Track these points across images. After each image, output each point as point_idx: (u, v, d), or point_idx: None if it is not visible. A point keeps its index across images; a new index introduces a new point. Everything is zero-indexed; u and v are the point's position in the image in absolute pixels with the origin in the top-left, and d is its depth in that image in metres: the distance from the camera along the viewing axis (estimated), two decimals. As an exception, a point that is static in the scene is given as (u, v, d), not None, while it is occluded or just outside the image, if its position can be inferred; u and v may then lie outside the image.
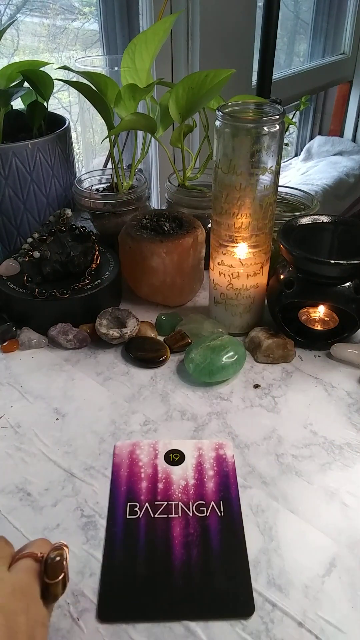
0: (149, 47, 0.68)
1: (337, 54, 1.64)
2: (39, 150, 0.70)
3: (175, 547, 0.41)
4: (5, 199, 0.70)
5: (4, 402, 0.55)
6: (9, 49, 0.96)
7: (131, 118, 0.63)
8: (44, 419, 0.53)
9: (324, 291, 0.58)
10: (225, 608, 0.37)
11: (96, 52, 1.01)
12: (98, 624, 0.36)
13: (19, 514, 0.44)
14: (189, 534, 0.42)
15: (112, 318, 0.63)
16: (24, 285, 0.63)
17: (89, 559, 0.40)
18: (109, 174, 0.79)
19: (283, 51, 1.57)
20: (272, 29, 1.02)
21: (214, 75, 0.63)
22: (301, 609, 0.37)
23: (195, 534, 0.42)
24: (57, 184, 0.74)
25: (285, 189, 0.76)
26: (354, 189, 1.65)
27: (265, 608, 0.37)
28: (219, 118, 0.51)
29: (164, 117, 0.72)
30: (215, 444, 0.50)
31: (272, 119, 0.51)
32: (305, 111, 1.76)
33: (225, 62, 1.05)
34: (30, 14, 1.00)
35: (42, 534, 0.42)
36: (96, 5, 0.95)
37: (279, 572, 0.39)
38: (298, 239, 0.58)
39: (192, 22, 0.95)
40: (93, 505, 0.44)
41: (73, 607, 0.37)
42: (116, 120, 0.66)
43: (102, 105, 0.65)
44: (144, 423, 0.52)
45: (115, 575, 0.39)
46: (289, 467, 0.48)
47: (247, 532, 0.42)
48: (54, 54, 1.05)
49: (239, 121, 0.51)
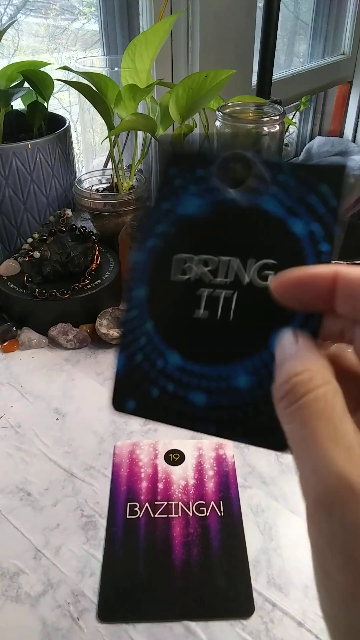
0: (149, 48, 0.68)
1: (337, 54, 1.64)
2: (39, 151, 0.70)
3: (175, 547, 0.41)
4: (6, 199, 0.70)
5: (4, 402, 0.55)
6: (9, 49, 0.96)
7: (131, 118, 0.63)
8: (44, 419, 0.53)
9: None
10: (225, 608, 0.37)
11: (96, 52, 1.01)
12: (98, 624, 0.36)
13: (19, 514, 0.44)
14: (189, 534, 0.42)
15: (112, 318, 0.63)
16: (24, 285, 0.63)
17: (89, 559, 0.40)
18: (109, 174, 0.79)
19: (283, 52, 1.57)
20: (272, 29, 1.01)
21: (214, 75, 0.63)
22: (301, 609, 0.37)
23: (195, 533, 0.42)
24: (57, 184, 0.74)
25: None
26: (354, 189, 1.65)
27: (265, 608, 0.37)
28: (219, 118, 0.51)
29: (164, 117, 0.72)
30: (215, 444, 0.50)
31: (272, 120, 0.51)
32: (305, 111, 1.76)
33: (225, 63, 1.05)
34: (30, 15, 1.00)
35: (42, 533, 0.42)
36: (96, 6, 0.95)
37: (279, 572, 0.39)
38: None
39: (192, 22, 0.95)
40: (93, 505, 0.44)
41: (73, 607, 0.37)
42: (116, 121, 0.66)
43: (102, 106, 0.65)
44: (144, 423, 0.52)
45: (115, 575, 0.39)
46: (288, 467, 0.48)
47: (247, 532, 0.42)
48: (54, 55, 1.05)
49: (239, 121, 0.51)
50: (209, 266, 0.24)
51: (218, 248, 0.24)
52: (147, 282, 0.25)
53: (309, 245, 0.23)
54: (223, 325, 0.24)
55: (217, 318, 0.24)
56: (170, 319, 0.24)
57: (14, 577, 0.39)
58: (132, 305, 0.25)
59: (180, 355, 0.24)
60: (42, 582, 0.39)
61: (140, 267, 0.25)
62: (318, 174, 0.23)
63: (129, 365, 0.25)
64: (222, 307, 0.24)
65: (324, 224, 0.23)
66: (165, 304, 0.25)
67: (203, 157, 0.25)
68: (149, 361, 0.24)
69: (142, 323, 0.25)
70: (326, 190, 0.23)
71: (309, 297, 0.21)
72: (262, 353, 0.23)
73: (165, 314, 0.25)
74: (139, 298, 0.25)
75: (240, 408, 0.23)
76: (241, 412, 0.23)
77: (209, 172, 0.24)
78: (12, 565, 0.40)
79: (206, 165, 0.25)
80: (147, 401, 0.24)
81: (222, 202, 0.24)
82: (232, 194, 0.24)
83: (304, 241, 0.23)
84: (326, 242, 0.23)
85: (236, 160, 0.24)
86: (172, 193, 0.25)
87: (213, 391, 0.23)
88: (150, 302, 0.25)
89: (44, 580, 0.39)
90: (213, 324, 0.24)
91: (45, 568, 0.40)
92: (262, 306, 0.23)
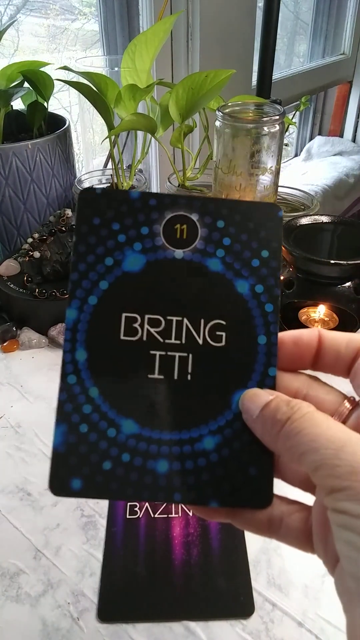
0: (149, 48, 0.68)
1: (337, 54, 1.64)
2: (39, 151, 0.70)
3: (175, 547, 0.41)
4: (6, 199, 0.70)
5: (4, 402, 0.55)
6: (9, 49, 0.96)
7: (131, 118, 0.63)
8: (44, 419, 0.53)
9: (324, 291, 0.58)
10: (225, 608, 0.37)
11: (96, 52, 1.02)
12: (98, 624, 0.36)
13: (19, 514, 0.44)
14: (189, 534, 0.42)
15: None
16: (24, 285, 0.63)
17: (89, 559, 0.40)
18: (109, 174, 0.79)
19: (283, 51, 1.57)
20: (272, 29, 1.01)
21: (214, 75, 0.63)
22: (301, 609, 0.37)
23: (195, 533, 0.42)
24: (57, 184, 0.74)
25: (285, 189, 0.76)
26: (354, 189, 1.65)
27: (265, 608, 0.37)
28: (219, 118, 0.51)
29: (164, 117, 0.72)
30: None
31: (272, 119, 0.51)
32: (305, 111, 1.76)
33: (225, 63, 1.05)
34: (30, 15, 1.00)
35: (42, 533, 0.42)
36: (96, 6, 0.95)
37: (279, 572, 0.39)
38: (298, 239, 0.58)
39: (192, 22, 0.95)
40: (93, 505, 0.44)
41: (73, 607, 0.37)
42: (116, 121, 0.66)
43: (102, 106, 0.65)
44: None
45: (115, 575, 0.39)
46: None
47: (247, 532, 0.42)
48: (54, 55, 1.05)
49: (239, 121, 0.51)
50: (159, 326, 0.23)
51: (166, 308, 0.23)
52: (88, 343, 0.23)
53: (255, 306, 0.24)
54: (181, 387, 0.23)
55: (174, 380, 0.23)
56: (120, 383, 0.23)
57: (14, 577, 0.39)
58: (69, 371, 0.23)
59: (135, 422, 0.23)
60: (42, 582, 0.39)
61: (77, 327, 0.23)
62: (259, 240, 0.24)
63: (70, 438, 0.23)
64: (178, 368, 0.23)
65: (267, 286, 0.24)
66: (113, 368, 0.23)
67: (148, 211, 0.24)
68: (97, 432, 0.22)
69: (84, 390, 0.23)
70: (266, 255, 0.24)
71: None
72: (225, 413, 0.23)
73: (114, 379, 0.23)
74: (78, 362, 0.23)
75: (207, 470, 0.22)
76: (209, 474, 0.22)
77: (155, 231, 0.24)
78: (12, 565, 0.40)
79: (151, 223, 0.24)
80: (97, 477, 0.22)
81: (166, 262, 0.24)
82: (178, 253, 0.24)
83: (251, 302, 0.24)
84: (270, 302, 0.24)
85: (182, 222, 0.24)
86: (110, 249, 0.24)
87: (176, 457, 0.22)
88: (93, 366, 0.23)
89: (44, 580, 0.39)
90: (171, 386, 0.23)
91: (45, 568, 0.40)
92: (219, 366, 0.23)
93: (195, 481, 0.22)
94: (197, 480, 0.22)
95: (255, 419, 0.22)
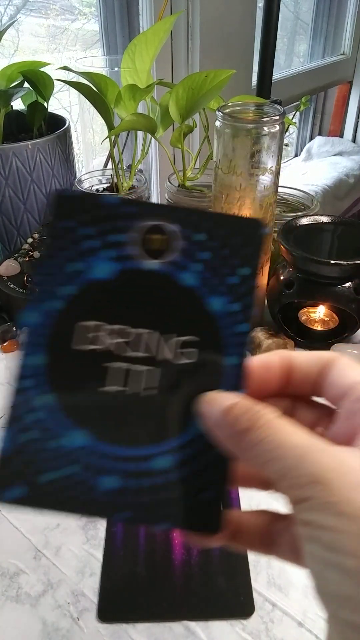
0: (149, 48, 0.68)
1: (337, 54, 1.64)
2: (39, 151, 0.70)
3: (175, 547, 0.41)
4: (6, 199, 0.70)
5: (4, 402, 0.55)
6: (9, 49, 0.96)
7: (131, 118, 0.63)
8: (44, 419, 0.53)
9: (324, 291, 0.58)
10: (225, 608, 0.37)
11: (96, 52, 1.02)
12: (98, 624, 0.36)
13: (18, 514, 0.44)
14: (189, 534, 0.42)
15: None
16: (24, 285, 0.63)
17: (89, 559, 0.40)
18: (109, 174, 0.79)
19: (283, 52, 1.57)
20: (272, 29, 1.02)
21: (214, 75, 0.63)
22: (301, 609, 0.37)
23: (195, 534, 0.42)
24: (58, 184, 0.74)
25: (285, 189, 0.76)
26: (354, 190, 1.65)
27: (265, 608, 0.37)
28: (219, 118, 0.51)
29: (164, 117, 0.72)
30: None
31: (272, 120, 0.51)
32: (305, 111, 1.76)
33: (225, 63, 1.05)
34: (31, 15, 1.00)
35: (42, 533, 0.42)
36: (96, 6, 0.95)
37: (279, 572, 0.39)
38: (298, 239, 0.58)
39: (192, 22, 0.95)
40: (93, 505, 0.44)
41: (73, 607, 0.37)
42: (116, 121, 0.66)
43: (102, 106, 0.65)
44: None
45: (115, 575, 0.39)
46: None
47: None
48: (54, 55, 1.05)
49: (239, 122, 0.51)
50: (125, 337, 0.22)
51: (134, 319, 0.22)
52: (47, 348, 0.22)
53: (227, 325, 0.22)
54: (143, 402, 0.22)
55: (135, 394, 0.22)
56: (77, 393, 0.22)
57: (14, 577, 0.39)
58: (25, 374, 0.22)
59: (90, 434, 0.21)
60: (42, 582, 0.39)
61: (37, 331, 0.22)
62: (240, 257, 0.23)
63: (17, 443, 0.21)
64: (140, 382, 0.22)
65: (244, 305, 0.23)
66: (72, 376, 0.22)
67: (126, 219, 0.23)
68: (47, 440, 0.21)
69: (39, 395, 0.22)
70: (247, 273, 0.23)
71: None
72: (186, 433, 0.22)
73: (72, 388, 0.22)
74: (34, 366, 0.22)
75: (162, 490, 0.21)
76: (163, 494, 0.21)
77: (131, 239, 0.23)
78: (12, 565, 0.40)
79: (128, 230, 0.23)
80: (41, 487, 0.21)
81: (140, 272, 0.23)
82: (154, 264, 0.23)
83: (222, 320, 0.23)
84: (245, 322, 0.22)
85: (158, 232, 0.23)
86: (81, 254, 0.23)
87: (130, 474, 0.21)
88: (51, 372, 0.22)
89: (44, 580, 0.39)
90: (131, 400, 0.22)
91: (45, 568, 0.40)
92: (183, 384, 0.22)
93: (149, 500, 0.21)
94: (150, 500, 0.21)
95: (215, 424, 0.20)
